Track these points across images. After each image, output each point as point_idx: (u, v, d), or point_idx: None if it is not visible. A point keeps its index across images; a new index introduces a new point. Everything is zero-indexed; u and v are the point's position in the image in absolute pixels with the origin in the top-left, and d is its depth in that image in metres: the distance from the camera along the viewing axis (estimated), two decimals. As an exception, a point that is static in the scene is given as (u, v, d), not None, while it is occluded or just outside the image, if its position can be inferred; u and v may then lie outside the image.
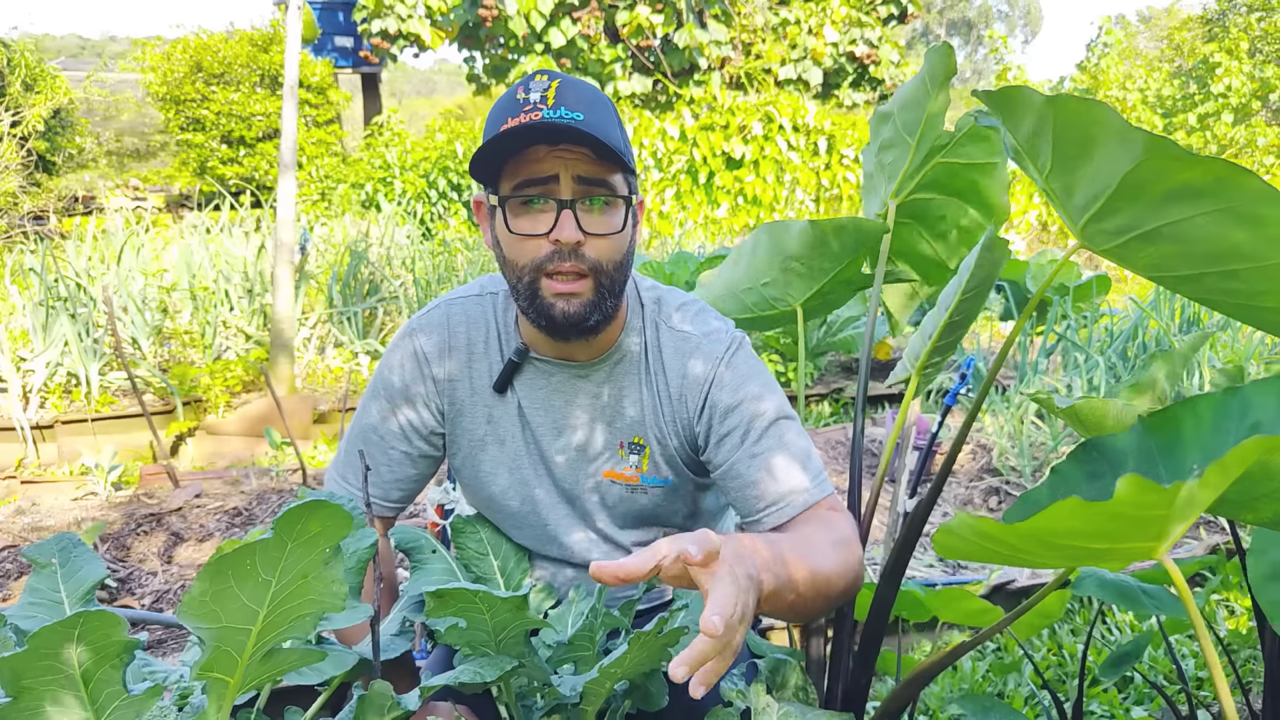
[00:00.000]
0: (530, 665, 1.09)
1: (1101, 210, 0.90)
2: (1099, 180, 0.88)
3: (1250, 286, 0.86)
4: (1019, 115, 0.91)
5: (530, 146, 1.13)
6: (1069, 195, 0.94)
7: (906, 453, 2.17)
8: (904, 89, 1.46)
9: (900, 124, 1.47)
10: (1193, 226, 0.84)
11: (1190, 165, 0.78)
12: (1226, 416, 0.89)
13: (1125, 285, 9.82)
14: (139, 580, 2.66)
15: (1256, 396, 0.86)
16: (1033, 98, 0.86)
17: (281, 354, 4.70)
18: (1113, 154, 0.84)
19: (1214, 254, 0.85)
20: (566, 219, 1.14)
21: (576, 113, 1.11)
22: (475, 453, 1.36)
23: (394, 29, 14.34)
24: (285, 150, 4.65)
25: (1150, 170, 0.81)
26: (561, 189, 1.14)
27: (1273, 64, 16.58)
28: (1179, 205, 0.83)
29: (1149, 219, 0.87)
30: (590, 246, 1.16)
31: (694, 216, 12.36)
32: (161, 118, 13.81)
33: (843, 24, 16.06)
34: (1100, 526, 0.70)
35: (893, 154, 1.51)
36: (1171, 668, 2.25)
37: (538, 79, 1.14)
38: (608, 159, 1.14)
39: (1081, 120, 0.84)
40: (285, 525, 0.76)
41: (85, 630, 0.76)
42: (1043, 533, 0.71)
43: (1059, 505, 0.65)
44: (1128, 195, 0.86)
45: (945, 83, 1.39)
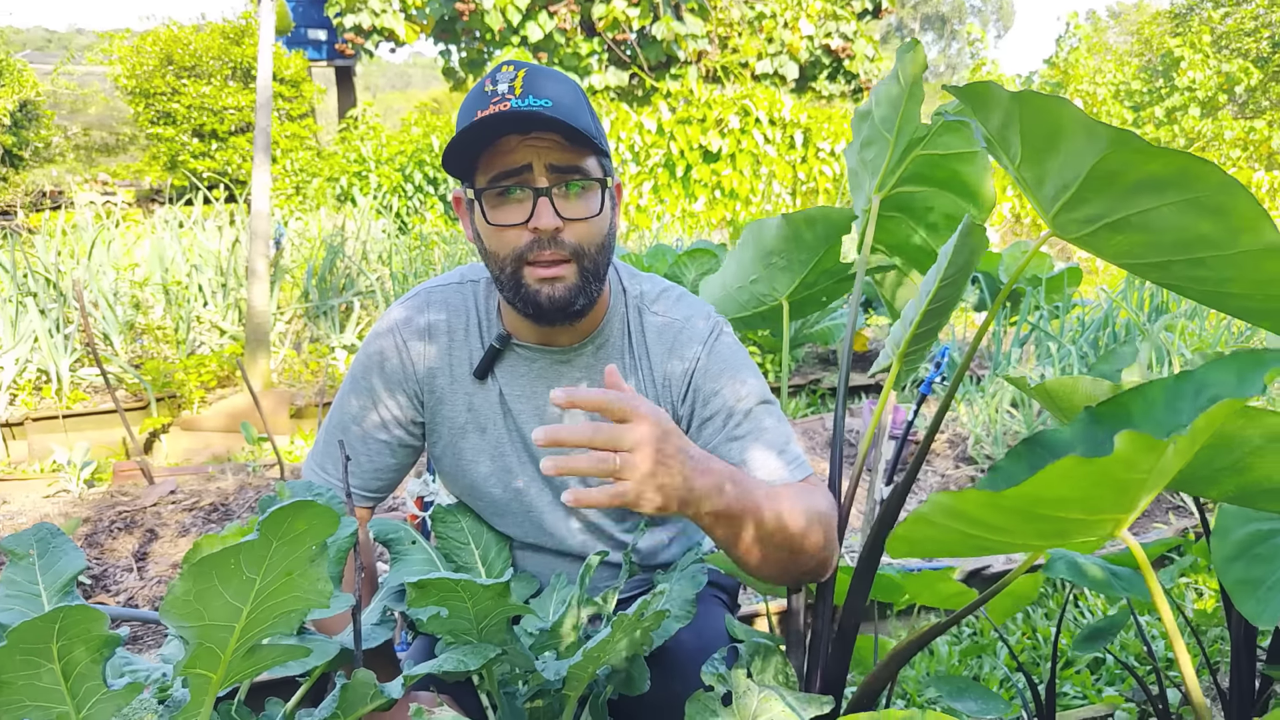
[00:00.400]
0: (513, 652, 1.09)
1: (1071, 200, 0.92)
2: (1067, 171, 0.90)
3: (1217, 274, 0.88)
4: (988, 109, 0.93)
5: (501, 137, 1.14)
6: (1040, 185, 0.96)
7: (883, 442, 2.19)
8: (879, 87, 1.49)
9: (878, 120, 1.50)
10: (1159, 216, 0.86)
11: (1154, 157, 0.81)
12: (1179, 397, 0.91)
13: (1096, 276, 9.92)
14: (114, 577, 2.64)
15: (1212, 375, 0.88)
16: (999, 93, 0.89)
17: (257, 349, 4.67)
18: (1079, 147, 0.86)
19: (1181, 242, 0.88)
20: (543, 207, 1.14)
21: (544, 100, 1.12)
22: (456, 441, 1.36)
23: (368, 24, 14.25)
24: (259, 143, 4.61)
25: (1116, 162, 0.84)
26: (536, 177, 1.15)
27: (1237, 58, 16.81)
28: (1145, 196, 0.85)
29: (1117, 209, 0.89)
30: (569, 231, 1.17)
31: (671, 210, 12.37)
32: (130, 111, 13.63)
33: (818, 18, 16.12)
34: (1085, 491, 0.71)
35: (874, 150, 1.54)
36: (1142, 649, 2.28)
37: (504, 70, 1.15)
38: (579, 143, 1.15)
39: (1047, 115, 0.87)
40: (271, 525, 0.76)
41: (66, 625, 0.76)
42: (1029, 501, 0.72)
43: (1056, 465, 0.66)
44: (1095, 186, 0.88)
45: (918, 78, 1.42)
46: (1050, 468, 0.68)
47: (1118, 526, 0.79)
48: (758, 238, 1.77)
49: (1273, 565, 1.24)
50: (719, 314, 1.37)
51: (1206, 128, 15.24)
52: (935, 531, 0.84)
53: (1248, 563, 1.28)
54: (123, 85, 13.15)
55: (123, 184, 13.97)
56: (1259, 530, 1.30)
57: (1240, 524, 1.32)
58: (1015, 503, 0.74)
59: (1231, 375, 0.90)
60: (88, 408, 4.39)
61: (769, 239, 1.73)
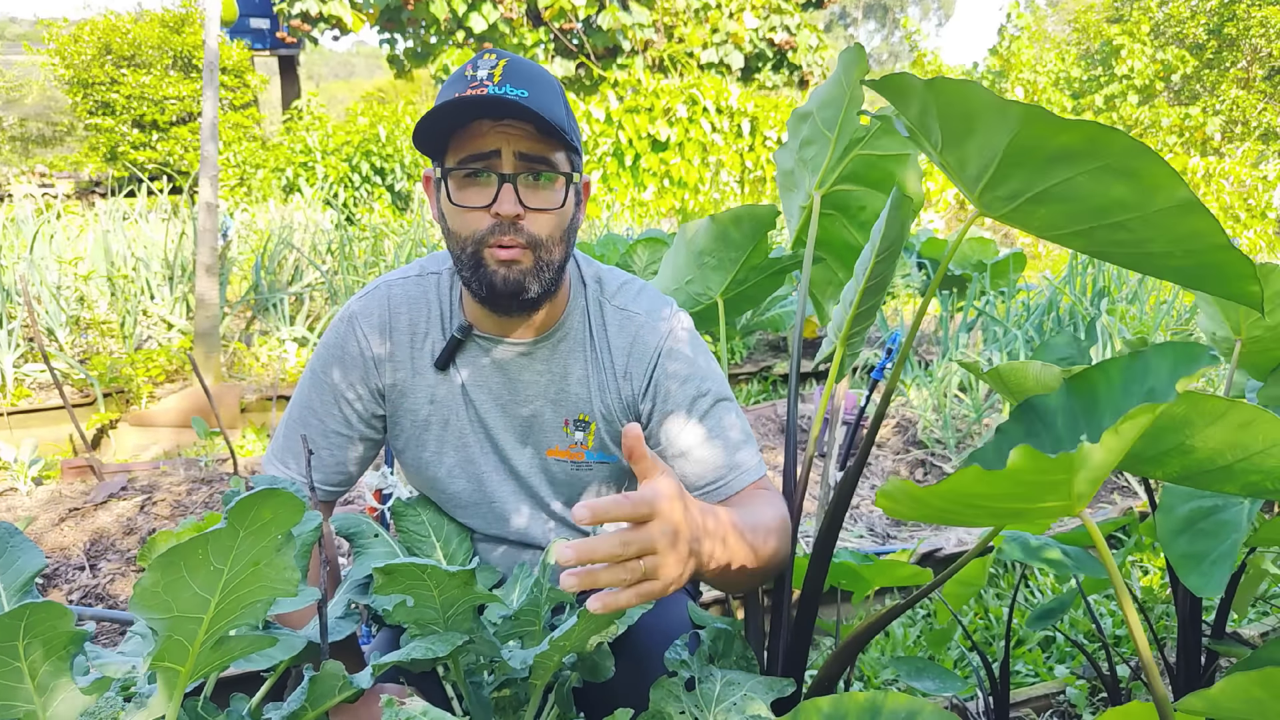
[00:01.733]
0: (480, 640, 1.11)
1: (992, 179, 0.96)
2: (986, 151, 0.93)
3: (1137, 235, 0.92)
4: (907, 100, 0.96)
5: (474, 120, 1.15)
6: (962, 168, 1.00)
7: (836, 427, 2.23)
8: (821, 90, 1.54)
9: (820, 121, 1.54)
10: (1075, 185, 0.89)
11: (1064, 129, 0.84)
12: (1132, 379, 0.96)
13: (1040, 262, 10.13)
14: (66, 575, 2.60)
15: (1155, 361, 0.93)
16: (914, 83, 0.92)
17: (207, 342, 4.60)
18: (993, 126, 0.89)
19: (1099, 208, 0.91)
20: (506, 193, 1.16)
21: (521, 90, 1.13)
22: (419, 434, 1.36)
23: (314, 11, 14.04)
24: (205, 135, 4.53)
25: (1029, 137, 0.87)
26: (503, 163, 1.16)
27: (1174, 45, 17.22)
28: (1060, 167, 0.88)
29: (1036, 182, 0.93)
30: (530, 221, 1.18)
31: (621, 199, 12.38)
32: (68, 102, 13.30)
33: (762, 9, 16.21)
34: (1007, 490, 0.75)
35: (814, 149, 1.58)
36: (1091, 627, 2.35)
37: (486, 57, 1.17)
38: (550, 135, 1.16)
39: (960, 99, 0.89)
40: (238, 514, 0.76)
41: (33, 622, 0.76)
42: (959, 495, 0.76)
43: (963, 472, 0.70)
44: (1013, 162, 0.92)
45: (859, 81, 1.46)
46: (961, 473, 0.72)
47: (1069, 510, 0.82)
48: (689, 240, 1.82)
49: (1216, 540, 1.29)
50: (679, 308, 1.39)
51: (1144, 115, 15.60)
52: (900, 506, 0.87)
53: (1191, 537, 1.33)
54: (60, 75, 12.82)
55: (61, 176, 13.63)
56: (1201, 506, 1.36)
57: (1184, 501, 1.37)
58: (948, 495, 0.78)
59: (1167, 366, 0.94)
60: (33, 404, 4.29)
61: (699, 240, 1.78)
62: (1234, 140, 16.51)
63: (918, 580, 1.58)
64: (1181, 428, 0.83)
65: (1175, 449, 0.86)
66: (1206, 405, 0.80)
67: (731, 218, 1.66)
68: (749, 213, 1.64)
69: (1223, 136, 15.94)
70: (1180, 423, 0.83)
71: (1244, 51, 18.15)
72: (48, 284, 4.98)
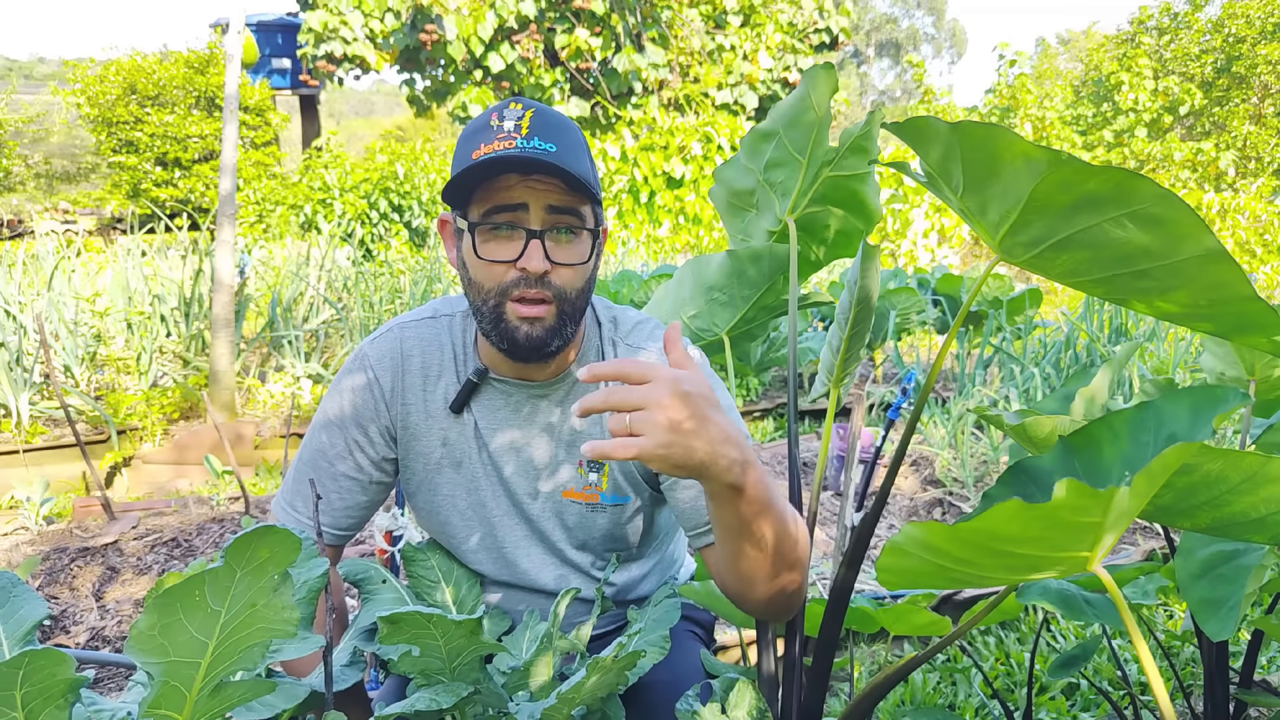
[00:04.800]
0: (486, 692, 1.08)
1: (1015, 225, 0.95)
2: (1009, 197, 0.92)
3: (1161, 284, 0.91)
4: (928, 143, 0.95)
5: (502, 174, 1.14)
6: (983, 213, 0.98)
7: (851, 466, 2.20)
8: (785, 108, 1.52)
9: (789, 143, 1.53)
10: (1100, 232, 0.88)
11: (1091, 176, 0.83)
12: (1142, 430, 0.93)
13: (1056, 298, 10.08)
14: (74, 617, 2.58)
15: (1169, 408, 0.90)
16: (938, 126, 0.90)
17: (221, 380, 4.61)
18: (1018, 172, 0.88)
19: (1123, 256, 0.90)
20: (534, 249, 1.15)
21: (549, 144, 1.13)
22: (431, 476, 1.35)
23: (339, 52, 14.27)
24: (225, 177, 4.58)
25: (1054, 184, 0.86)
26: (531, 219, 1.15)
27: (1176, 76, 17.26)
28: (1085, 214, 0.87)
29: (1059, 229, 0.91)
30: (555, 275, 1.17)
31: (636, 235, 12.44)
32: (92, 140, 13.52)
33: (777, 50, 16.36)
34: (1039, 532, 0.72)
35: (782, 172, 1.57)
36: (1116, 674, 2.30)
37: (512, 107, 1.17)
38: (578, 190, 1.15)
39: (986, 144, 0.88)
40: (234, 553, 0.75)
41: (31, 670, 0.74)
42: (985, 536, 0.73)
43: (1001, 506, 0.67)
44: (1037, 209, 0.90)
45: (828, 100, 1.45)
46: (999, 508, 0.69)
47: (1087, 563, 0.80)
48: (698, 274, 1.80)
49: (1234, 585, 1.26)
50: (694, 347, 1.37)
51: (1156, 150, 15.59)
52: (911, 562, 0.84)
53: (1211, 582, 1.30)
54: (85, 114, 13.05)
55: (83, 212, 13.83)
56: (1221, 551, 1.32)
57: (1203, 545, 1.34)
58: (973, 537, 0.75)
59: (1186, 411, 0.92)
60: (48, 441, 4.31)
61: (711, 274, 1.76)
62: (1248, 175, 16.47)
63: (937, 629, 1.55)
64: (1215, 483, 0.81)
65: (1208, 503, 0.84)
66: (1241, 462, 0.78)
67: (750, 255, 1.64)
68: (769, 252, 1.62)
69: (1236, 171, 15.91)
70: (1214, 479, 0.80)
71: (1255, 88, 18.18)
72: (65, 321, 5.02)
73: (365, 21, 14.33)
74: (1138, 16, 19.84)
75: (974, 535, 0.74)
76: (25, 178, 14.34)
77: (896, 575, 0.89)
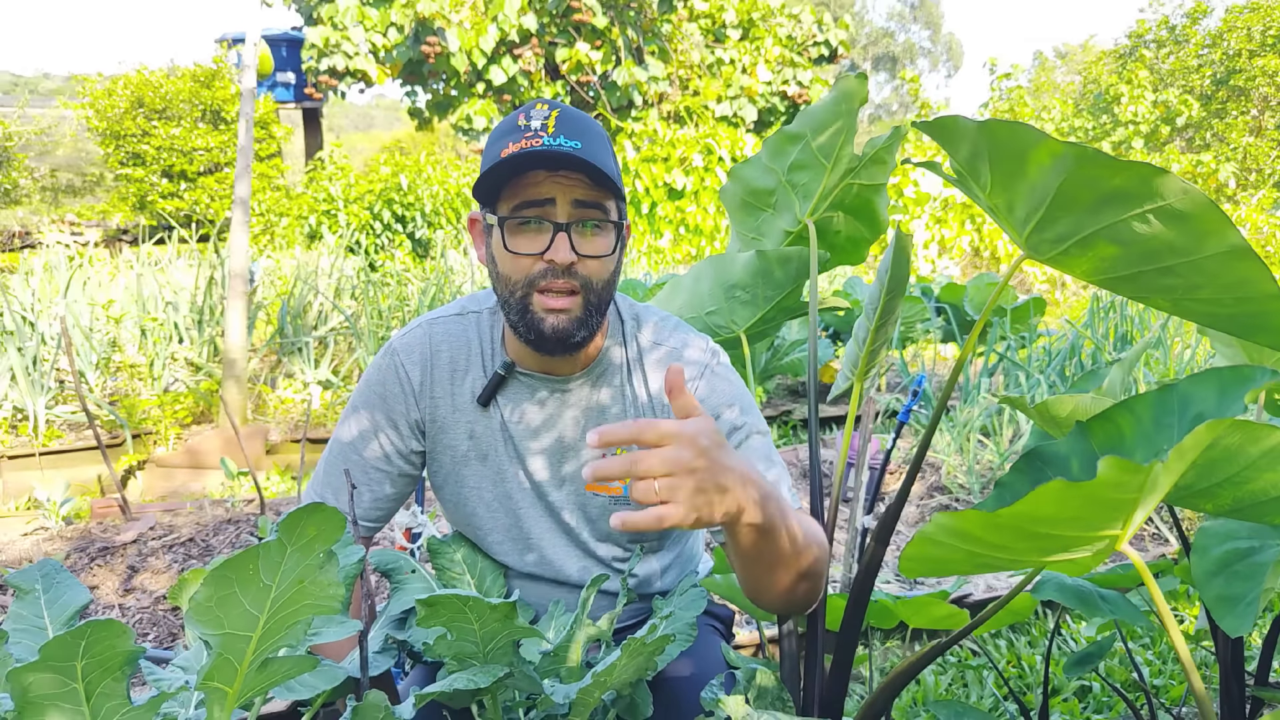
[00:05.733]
0: (520, 675, 1.10)
1: (1042, 220, 0.96)
2: (1037, 193, 0.94)
3: (1186, 280, 0.91)
4: (956, 142, 0.97)
5: (530, 171, 1.18)
6: (1011, 210, 1.00)
7: (861, 472, 2.22)
8: (815, 113, 1.55)
9: (815, 147, 1.56)
10: (1126, 229, 0.89)
11: (1119, 171, 0.84)
12: (1166, 412, 0.94)
13: (1059, 307, 10.10)
14: (95, 614, 2.60)
15: (1195, 390, 0.92)
16: (967, 125, 0.93)
17: (233, 384, 4.64)
18: (1046, 168, 0.90)
19: (1149, 252, 0.91)
20: (561, 241, 1.19)
21: (575, 141, 1.17)
22: (458, 468, 1.38)
23: (341, 66, 14.34)
24: (239, 180, 4.62)
25: (1082, 179, 0.87)
26: (558, 212, 1.19)
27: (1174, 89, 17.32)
28: (1112, 209, 0.89)
29: (1085, 225, 0.93)
30: (581, 266, 1.21)
31: (638, 245, 12.48)
32: (99, 153, 13.62)
33: (775, 64, 16.44)
34: (1076, 511, 0.74)
35: (806, 174, 1.60)
36: (1129, 676, 2.32)
37: (539, 108, 1.21)
38: (603, 185, 1.19)
39: (1013, 140, 0.90)
40: (287, 529, 0.77)
41: (92, 641, 0.77)
42: (1023, 519, 0.74)
43: (1045, 488, 0.68)
44: (1064, 204, 0.92)
45: (857, 109, 1.49)
46: (1041, 489, 0.69)
47: (1116, 541, 0.82)
48: (721, 271, 1.81)
49: (1251, 582, 1.27)
50: (715, 344, 1.40)
51: (1154, 162, 15.64)
52: (940, 550, 0.86)
53: (1227, 579, 1.31)
54: (94, 127, 13.13)
55: (89, 224, 13.89)
56: (1237, 548, 1.34)
57: (1219, 542, 1.35)
58: (1011, 521, 0.77)
59: (1213, 391, 0.93)
60: (63, 445, 4.34)
61: (736, 272, 1.77)
62: (1248, 188, 16.51)
63: (954, 621, 1.57)
64: (1235, 458, 0.82)
65: (1228, 480, 0.85)
66: (1261, 435, 0.79)
67: (780, 257, 1.67)
68: (799, 255, 1.65)
69: (1236, 184, 15.94)
70: (1234, 453, 0.81)
71: (1254, 101, 18.24)
72: (81, 327, 5.06)
73: (368, 36, 14.41)
74: (1135, 30, 19.96)
75: (1013, 519, 0.75)
76: (31, 190, 14.41)
77: (921, 564, 0.91)
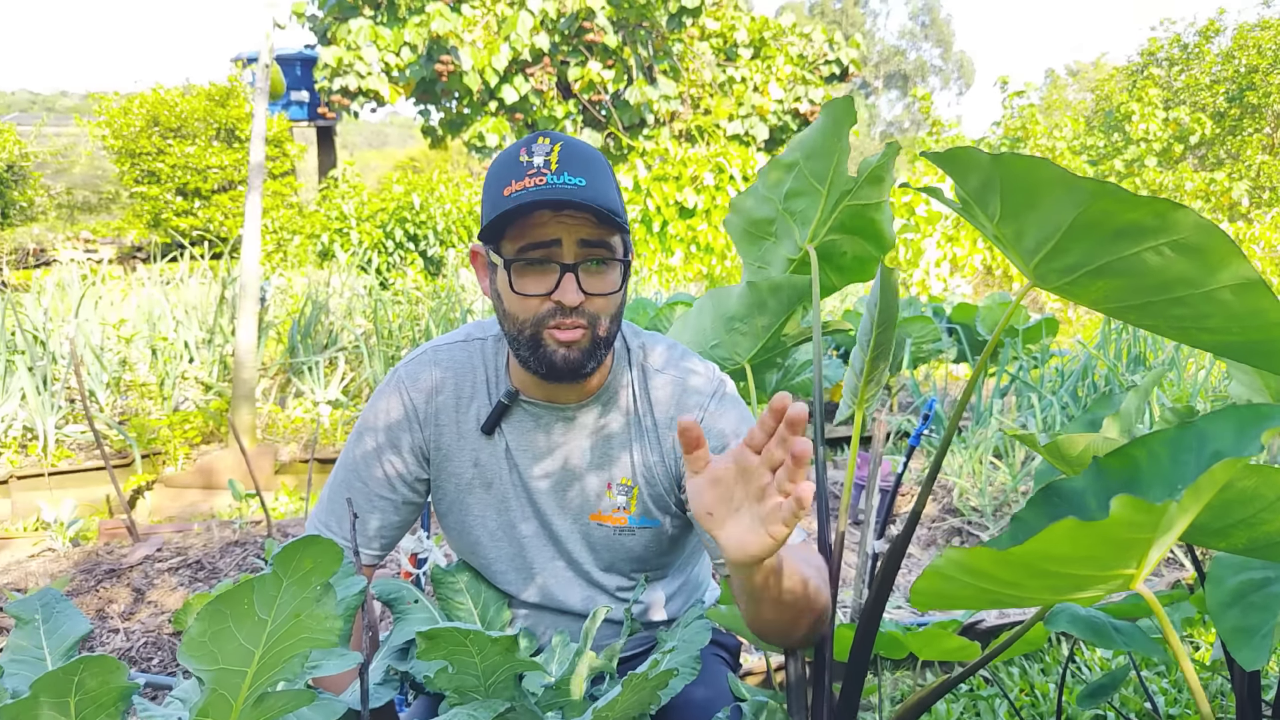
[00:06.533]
0: (521, 709, 1.09)
1: (1052, 251, 0.96)
2: (1048, 225, 0.94)
3: (1195, 310, 0.92)
4: (967, 172, 0.97)
5: (536, 211, 1.16)
6: (1019, 240, 0.99)
7: (873, 494, 2.20)
8: (805, 139, 1.54)
9: (809, 173, 1.56)
10: (1139, 260, 0.90)
11: (1135, 206, 0.84)
12: (1184, 449, 0.93)
13: (1071, 327, 10.06)
14: (101, 638, 2.60)
15: (1212, 428, 0.90)
16: (979, 157, 0.92)
17: (243, 404, 4.65)
18: (1060, 201, 0.90)
19: (1160, 284, 0.91)
20: (568, 282, 1.17)
21: (579, 179, 1.15)
22: (462, 496, 1.37)
23: (354, 86, 14.43)
24: (251, 198, 4.64)
25: (1098, 212, 0.88)
26: (564, 253, 1.18)
27: (1186, 106, 17.26)
28: (1125, 242, 0.89)
29: (1098, 256, 0.93)
30: (589, 304, 1.20)
31: (649, 264, 12.48)
32: (115, 171, 13.74)
33: (787, 82, 16.49)
34: (1089, 551, 0.72)
35: (803, 201, 1.60)
36: (1143, 706, 2.28)
37: (540, 142, 1.19)
38: (608, 223, 1.18)
39: (1028, 174, 0.90)
40: (283, 562, 0.76)
41: (86, 676, 0.76)
42: (1036, 557, 0.73)
43: (1056, 526, 0.67)
44: (1078, 236, 0.92)
45: (847, 132, 1.48)
46: (1054, 528, 0.68)
47: (1131, 581, 0.80)
48: (719, 305, 1.82)
49: (1267, 613, 1.25)
50: (721, 372, 1.39)
51: (1168, 180, 15.57)
52: (950, 586, 0.85)
53: (1243, 610, 1.29)
54: (109, 145, 13.26)
55: (104, 241, 14.01)
56: (1252, 579, 1.31)
57: (1234, 572, 1.33)
58: (1024, 559, 0.75)
59: (1230, 429, 0.92)
60: (73, 465, 4.35)
61: (731, 305, 1.78)
62: (1262, 206, 16.43)
63: (965, 654, 1.54)
64: (1251, 500, 0.81)
65: (1242, 521, 0.84)
66: (1277, 479, 0.79)
67: (770, 286, 1.67)
68: (788, 283, 1.65)
69: (1250, 201, 15.86)
70: (1250, 496, 0.80)
71: (1268, 118, 18.17)
72: (91, 346, 5.08)
73: (381, 56, 14.51)
74: (1147, 48, 19.92)
75: (1025, 558, 0.74)
76: (47, 207, 14.54)
77: (932, 598, 0.89)
